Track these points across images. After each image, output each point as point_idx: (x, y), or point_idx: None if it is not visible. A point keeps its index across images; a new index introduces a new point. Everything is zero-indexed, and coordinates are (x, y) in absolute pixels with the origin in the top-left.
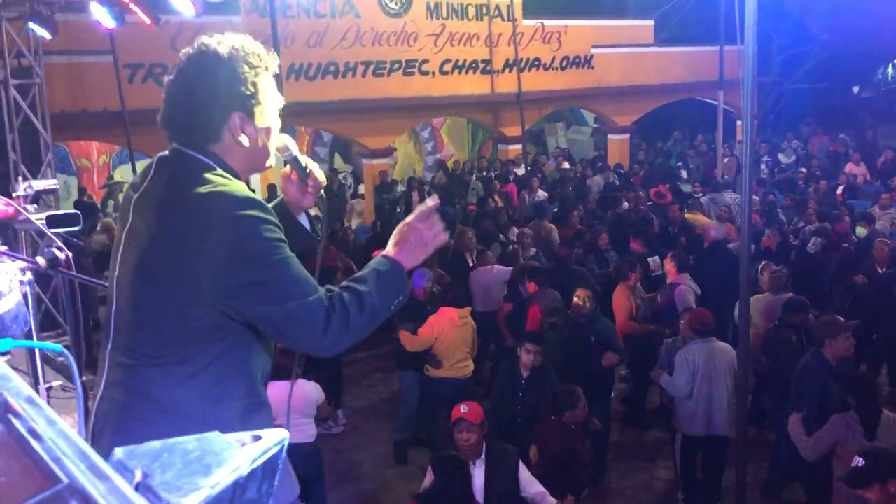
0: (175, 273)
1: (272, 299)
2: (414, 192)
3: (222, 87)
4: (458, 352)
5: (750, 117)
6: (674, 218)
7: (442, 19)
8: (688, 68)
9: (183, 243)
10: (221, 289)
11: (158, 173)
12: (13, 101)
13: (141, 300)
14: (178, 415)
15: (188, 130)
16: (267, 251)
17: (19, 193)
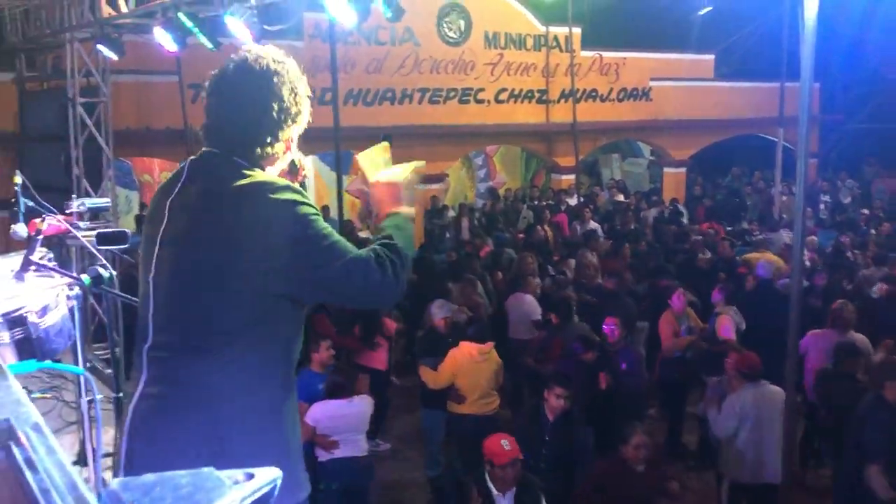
0: (224, 264)
1: (326, 263)
2: (464, 218)
3: (282, 110)
4: (479, 388)
5: (804, 156)
6: (723, 255)
7: (500, 49)
8: (748, 104)
9: (230, 234)
10: (276, 268)
11: (193, 175)
12: (79, 118)
13: (188, 295)
14: (219, 399)
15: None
16: (309, 224)
17: (73, 210)
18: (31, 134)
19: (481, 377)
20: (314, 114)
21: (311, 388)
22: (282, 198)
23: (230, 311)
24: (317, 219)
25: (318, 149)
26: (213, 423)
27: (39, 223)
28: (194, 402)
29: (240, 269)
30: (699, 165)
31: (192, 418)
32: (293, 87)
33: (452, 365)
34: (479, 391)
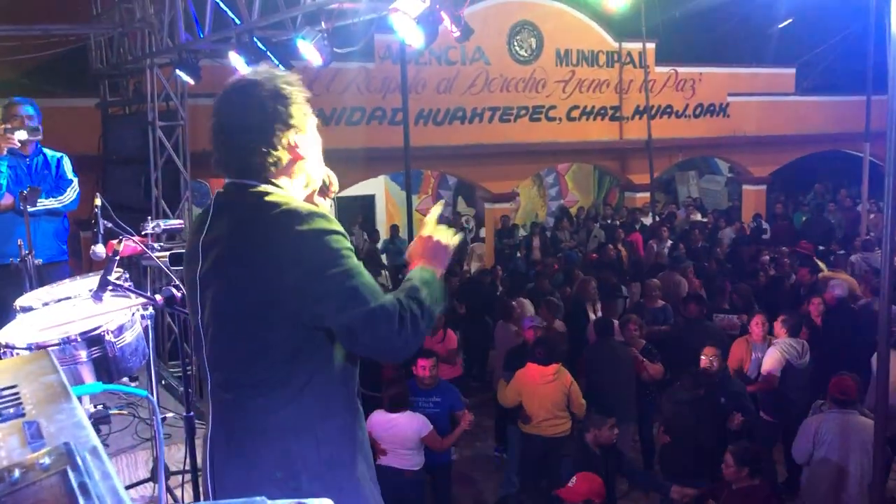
0: (259, 300)
1: (350, 305)
2: (535, 237)
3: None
4: (545, 410)
5: (893, 171)
6: (802, 280)
7: (571, 66)
8: (831, 118)
9: (262, 270)
10: (303, 304)
11: (219, 212)
12: (158, 140)
13: (231, 335)
14: (288, 436)
15: (242, 165)
16: (336, 260)
17: (148, 231)
18: (113, 156)
19: (547, 399)
20: (385, 133)
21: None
22: (309, 229)
23: (275, 346)
24: (346, 255)
25: (389, 169)
26: (286, 461)
27: (116, 244)
28: (262, 443)
29: (276, 304)
30: (781, 182)
31: (265, 459)
32: (280, 92)
33: (517, 385)
34: (544, 413)
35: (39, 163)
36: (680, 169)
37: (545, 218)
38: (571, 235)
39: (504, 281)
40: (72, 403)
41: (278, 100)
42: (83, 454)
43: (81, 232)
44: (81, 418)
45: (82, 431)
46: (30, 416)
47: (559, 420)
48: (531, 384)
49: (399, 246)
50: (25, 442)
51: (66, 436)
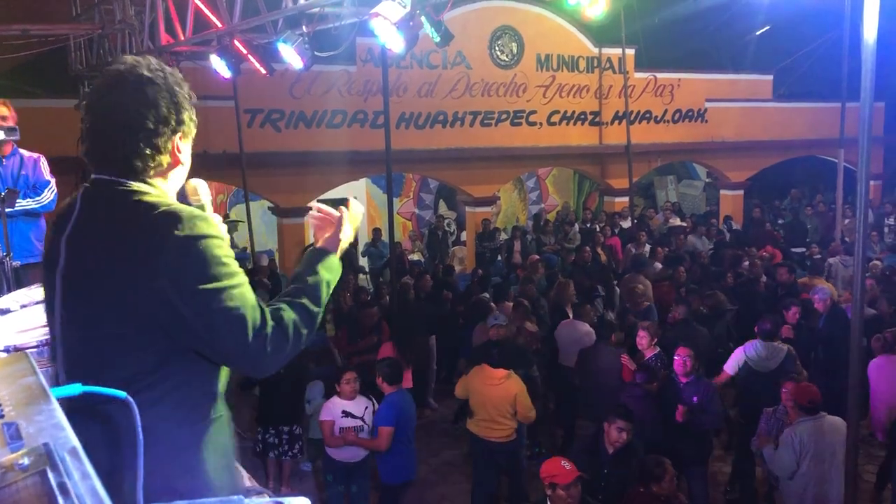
0: (126, 304)
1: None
2: (516, 241)
3: (160, 119)
4: (486, 411)
5: (865, 177)
6: (782, 281)
7: (552, 71)
8: (807, 125)
9: (133, 272)
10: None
11: (89, 209)
12: None
13: (96, 338)
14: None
15: (124, 164)
16: (214, 268)
17: None
18: None
19: (488, 402)
20: (366, 137)
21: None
22: (189, 234)
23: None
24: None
25: (371, 172)
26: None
27: None
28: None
29: (143, 309)
30: (757, 188)
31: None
32: (171, 95)
33: (468, 381)
34: (483, 413)
35: (16, 164)
36: (659, 174)
37: (526, 221)
38: (556, 239)
39: (478, 283)
40: (51, 405)
41: (173, 102)
42: (62, 455)
43: None
44: (61, 419)
45: (62, 432)
46: (8, 417)
47: (498, 425)
48: (479, 383)
49: (381, 250)
50: (4, 443)
51: (46, 437)
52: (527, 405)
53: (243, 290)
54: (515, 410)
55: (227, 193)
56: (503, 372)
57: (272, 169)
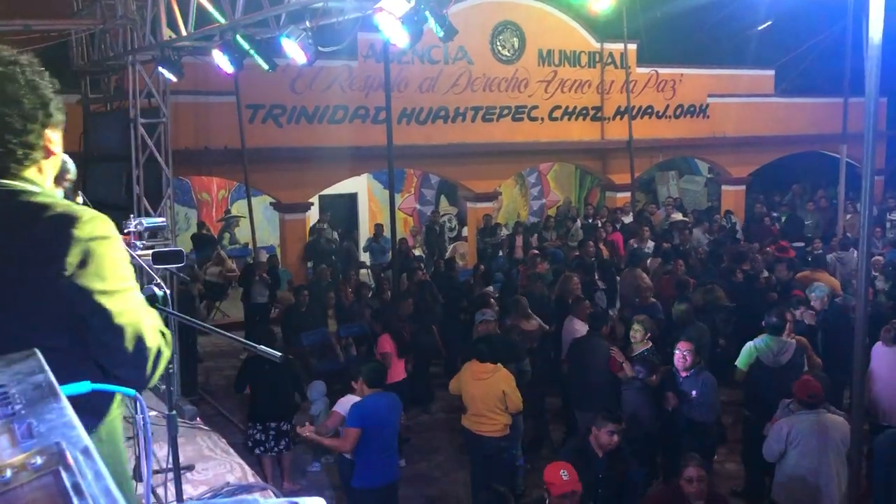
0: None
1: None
2: (518, 236)
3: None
4: (475, 406)
5: (870, 173)
6: (780, 277)
7: (554, 66)
8: (809, 120)
9: (31, 273)
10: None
11: None
12: (141, 138)
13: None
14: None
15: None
16: (111, 271)
17: (130, 229)
18: (94, 153)
19: (477, 396)
20: (368, 132)
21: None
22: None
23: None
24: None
25: (372, 167)
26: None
27: None
28: None
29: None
30: (759, 183)
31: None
32: (32, 88)
33: (461, 376)
34: (473, 408)
35: None
36: (660, 169)
37: (527, 217)
38: (557, 235)
39: (480, 278)
40: (61, 403)
41: (36, 95)
42: (75, 454)
43: None
44: (71, 418)
45: (73, 431)
46: (19, 415)
47: (488, 419)
48: (469, 378)
49: (383, 245)
50: (16, 442)
51: (57, 435)
52: (515, 399)
53: (138, 295)
54: (506, 405)
55: (228, 189)
56: (491, 366)
57: (274, 164)
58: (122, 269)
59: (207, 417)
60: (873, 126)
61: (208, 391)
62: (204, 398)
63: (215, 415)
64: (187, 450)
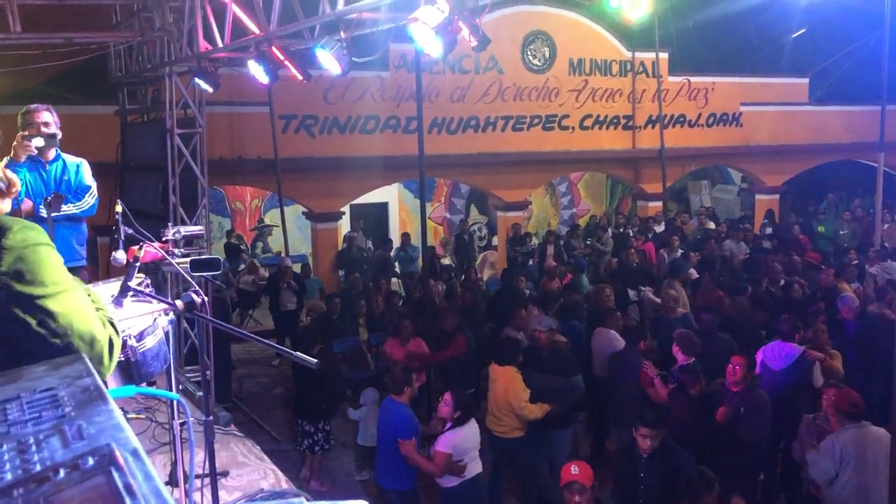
0: None
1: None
2: (549, 244)
3: None
4: (491, 406)
5: None
6: (822, 284)
7: (584, 75)
8: (845, 128)
9: None
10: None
11: None
12: (177, 148)
13: None
14: None
15: None
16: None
17: (168, 238)
18: (131, 163)
19: (491, 397)
20: (399, 142)
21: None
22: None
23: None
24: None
25: (403, 177)
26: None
27: (137, 250)
28: None
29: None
30: (794, 192)
31: None
32: None
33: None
34: (490, 409)
35: (59, 169)
36: (692, 178)
37: (558, 226)
38: (585, 244)
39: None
40: (109, 406)
41: None
42: (125, 455)
43: (99, 238)
44: (120, 420)
45: (122, 433)
46: (69, 417)
47: (499, 420)
48: (489, 380)
49: (411, 254)
50: (67, 443)
51: (107, 437)
52: (520, 403)
53: (80, 294)
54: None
55: (261, 198)
56: (500, 368)
57: (306, 174)
58: (59, 272)
59: (240, 424)
60: None
61: (241, 398)
62: (237, 405)
63: (248, 421)
64: (222, 456)
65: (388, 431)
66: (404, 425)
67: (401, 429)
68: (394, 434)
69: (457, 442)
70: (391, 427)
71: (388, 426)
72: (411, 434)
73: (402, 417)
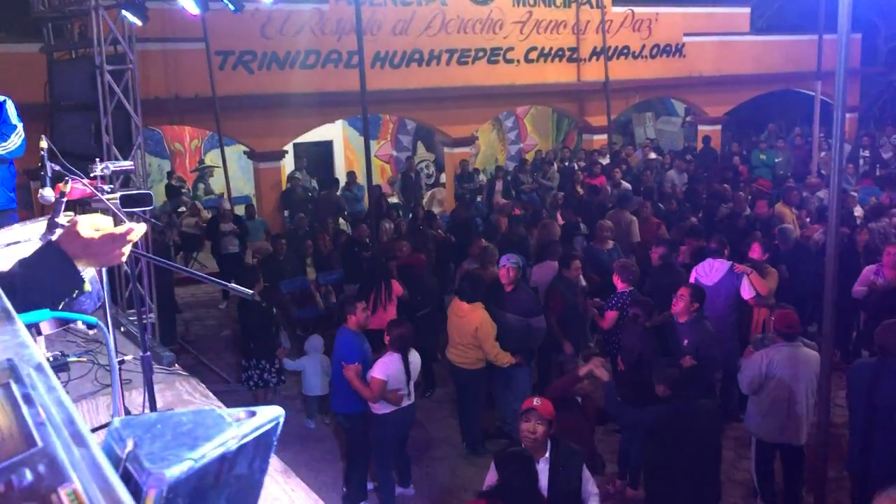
0: None
1: None
2: (498, 180)
3: None
4: (452, 339)
5: (841, 109)
6: (760, 214)
7: (528, 7)
8: (785, 58)
9: None
10: None
11: None
12: (107, 86)
13: None
14: None
15: None
16: None
17: (96, 174)
18: (61, 103)
19: (456, 331)
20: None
21: (353, 348)
22: None
23: None
24: None
25: (346, 114)
26: None
27: (63, 185)
28: None
29: None
30: (735, 122)
31: None
32: None
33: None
34: (453, 341)
35: None
36: (637, 110)
37: (505, 162)
38: (533, 179)
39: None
40: (15, 325)
41: None
42: (27, 370)
43: (32, 182)
44: (25, 338)
45: (26, 350)
46: None
47: (461, 351)
48: (451, 315)
49: (356, 193)
50: None
51: (10, 353)
52: (487, 339)
53: None
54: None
55: (201, 138)
56: (468, 305)
57: (246, 112)
58: None
59: (189, 367)
60: (845, 62)
61: (188, 341)
62: (184, 348)
63: (196, 364)
64: (166, 395)
65: (336, 356)
66: (347, 349)
67: (344, 353)
68: (339, 358)
69: (389, 369)
70: (338, 352)
71: (336, 351)
72: (354, 359)
73: (345, 342)
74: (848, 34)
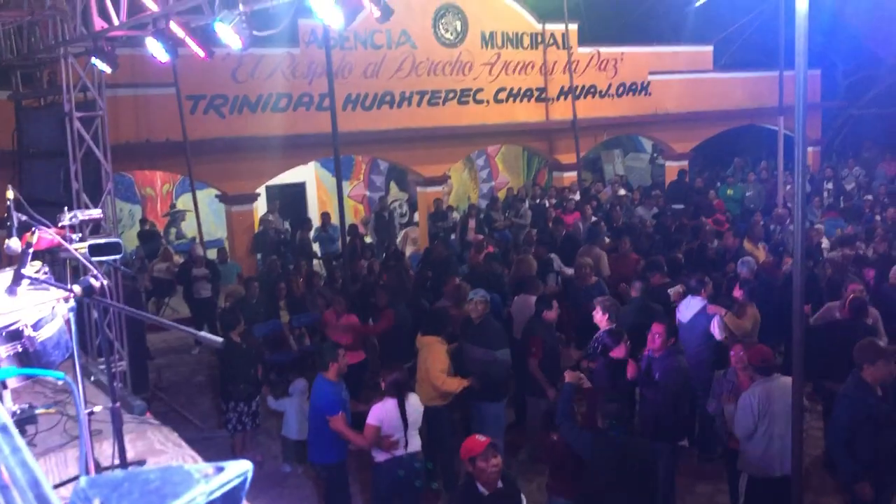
0: None
1: None
2: (471, 218)
3: None
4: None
5: (802, 143)
6: (727, 245)
7: (497, 48)
8: (748, 94)
9: None
10: None
11: None
12: (77, 132)
13: None
14: None
15: None
16: None
17: (65, 223)
18: (30, 150)
19: (418, 365)
20: (313, 119)
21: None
22: None
23: None
24: None
25: (318, 155)
26: None
27: (30, 236)
28: None
29: None
30: (702, 158)
31: None
32: None
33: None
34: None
35: None
36: (605, 148)
37: (478, 200)
38: (505, 217)
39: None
40: None
41: None
42: None
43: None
44: None
45: None
46: None
47: (420, 387)
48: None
49: (331, 234)
50: None
51: None
52: (432, 368)
53: None
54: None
55: (172, 183)
56: (425, 339)
57: (217, 156)
58: None
59: (161, 415)
60: (804, 98)
61: (161, 388)
62: (156, 395)
63: (169, 411)
64: (137, 445)
65: (315, 408)
66: (329, 400)
67: (326, 404)
68: (320, 410)
69: (383, 415)
70: (317, 403)
71: (315, 402)
72: (337, 409)
73: (326, 393)
74: (805, 70)
